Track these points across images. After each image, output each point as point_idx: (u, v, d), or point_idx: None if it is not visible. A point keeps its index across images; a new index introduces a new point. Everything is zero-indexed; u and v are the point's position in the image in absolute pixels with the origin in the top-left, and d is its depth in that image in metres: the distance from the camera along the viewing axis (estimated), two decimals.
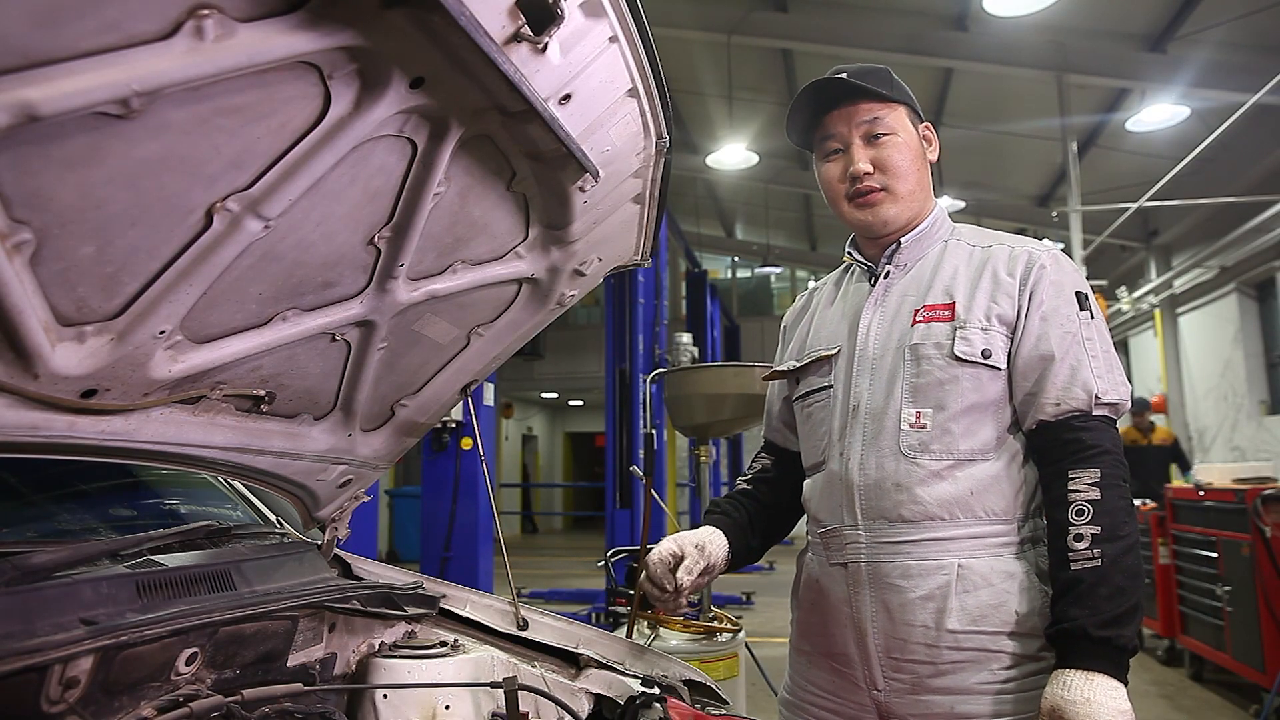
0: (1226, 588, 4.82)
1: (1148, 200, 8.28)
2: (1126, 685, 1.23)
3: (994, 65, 7.77)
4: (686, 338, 5.21)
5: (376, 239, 1.15)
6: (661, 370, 4.37)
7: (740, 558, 1.60)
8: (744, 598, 8.47)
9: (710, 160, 10.87)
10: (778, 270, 18.47)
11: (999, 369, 1.37)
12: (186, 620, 1.14)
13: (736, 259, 18.47)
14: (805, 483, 1.58)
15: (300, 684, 1.31)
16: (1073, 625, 1.24)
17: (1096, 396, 1.32)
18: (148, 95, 0.73)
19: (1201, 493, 5.23)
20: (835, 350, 1.52)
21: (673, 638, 3.61)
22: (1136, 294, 11.09)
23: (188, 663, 1.19)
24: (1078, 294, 1.39)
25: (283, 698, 1.24)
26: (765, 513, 1.66)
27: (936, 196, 1.63)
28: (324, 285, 1.17)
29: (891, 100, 1.47)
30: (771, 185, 12.70)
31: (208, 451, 1.27)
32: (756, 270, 18.40)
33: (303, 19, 0.79)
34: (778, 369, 1.67)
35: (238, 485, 1.93)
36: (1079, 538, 1.26)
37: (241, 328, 1.13)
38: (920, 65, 8.21)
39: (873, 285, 1.52)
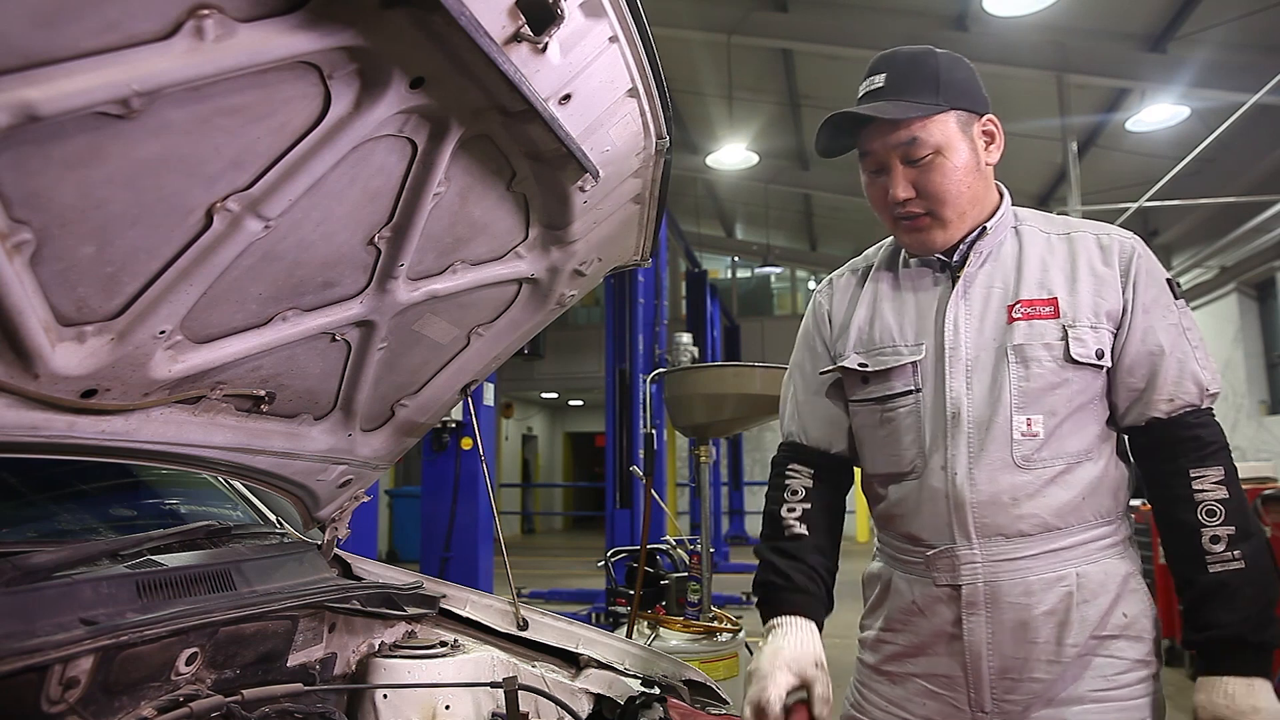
0: None
1: (1148, 200, 8.28)
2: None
3: (994, 65, 7.77)
4: (686, 338, 5.20)
5: (376, 239, 1.15)
6: (661, 370, 4.37)
7: (825, 616, 1.42)
8: (744, 598, 8.47)
9: (710, 160, 10.86)
10: (778, 270, 18.47)
11: (1104, 368, 1.31)
12: (186, 620, 1.14)
13: (736, 259, 18.46)
14: (883, 493, 1.42)
15: (300, 684, 1.31)
16: (1226, 632, 1.21)
17: (1205, 389, 1.29)
18: (148, 95, 0.73)
19: None
20: (922, 353, 1.36)
21: (673, 638, 3.61)
22: None
23: (188, 663, 1.19)
24: (1169, 282, 1.34)
25: (283, 698, 1.24)
26: (827, 560, 1.44)
27: None
28: (324, 285, 1.17)
29: (932, 114, 1.29)
30: (771, 185, 12.69)
31: (208, 451, 1.28)
32: (756, 270, 18.40)
33: (303, 19, 0.79)
34: (843, 364, 1.43)
35: (238, 485, 1.93)
36: (1215, 539, 1.23)
37: (241, 328, 1.13)
38: None
39: (945, 275, 1.39)
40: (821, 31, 7.99)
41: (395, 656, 1.54)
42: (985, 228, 1.37)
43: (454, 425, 5.21)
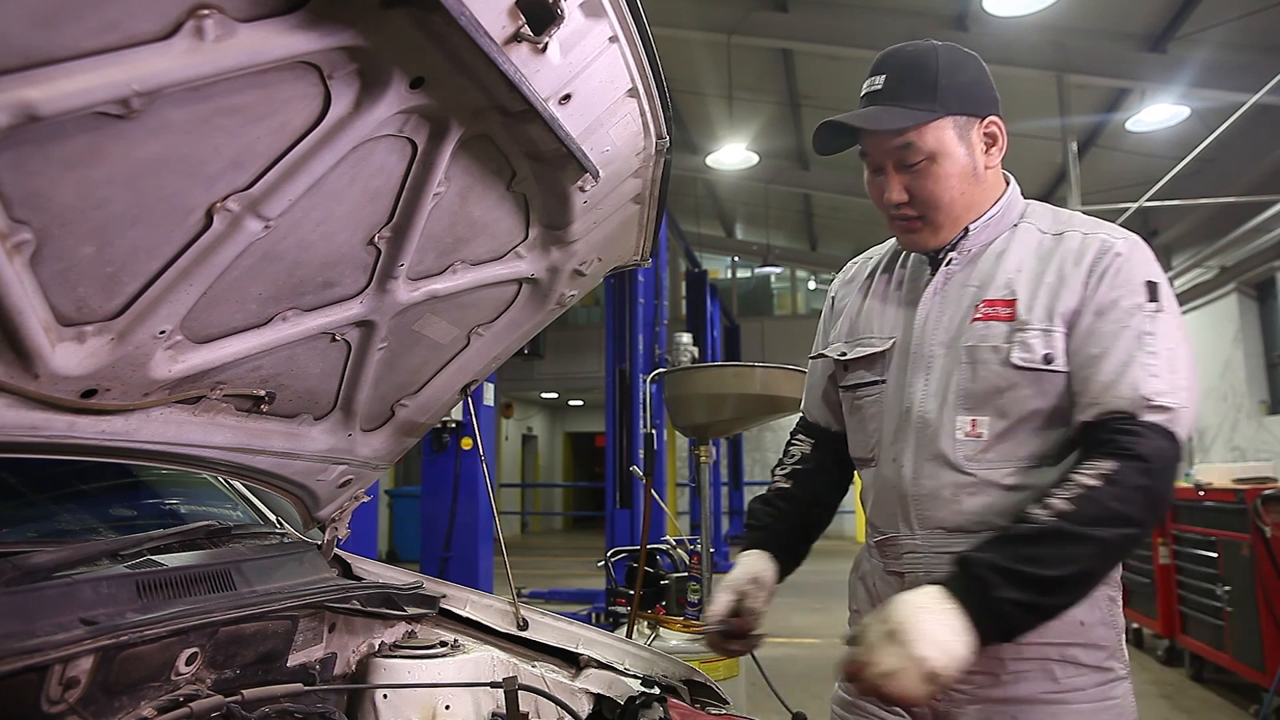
0: (1226, 588, 4.82)
1: (1148, 200, 8.28)
2: (983, 645, 1.08)
3: (994, 65, 7.72)
4: (686, 338, 5.20)
5: (376, 239, 1.15)
6: (661, 370, 4.37)
7: (789, 569, 1.53)
8: None
9: (710, 160, 10.86)
10: (778, 270, 18.47)
11: (1062, 373, 1.25)
12: (186, 620, 1.14)
13: (736, 259, 18.46)
14: (859, 478, 1.51)
15: (300, 684, 1.31)
16: (968, 555, 1.14)
17: (1146, 399, 1.16)
18: (148, 95, 0.73)
19: (1201, 493, 5.23)
20: (889, 344, 1.41)
21: (673, 638, 3.61)
22: None
23: (188, 663, 1.19)
24: (1148, 283, 1.24)
25: (283, 698, 1.24)
26: (806, 514, 1.56)
27: None
28: (324, 285, 1.17)
29: (928, 120, 1.29)
30: (771, 185, 12.70)
31: (208, 451, 1.28)
32: (756, 270, 18.40)
33: (303, 19, 0.79)
34: (824, 351, 1.54)
35: (238, 485, 1.93)
36: (1045, 504, 1.12)
37: (241, 328, 1.13)
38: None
39: (933, 272, 1.40)
40: (821, 31, 7.99)
41: (395, 656, 1.54)
42: (968, 229, 1.36)
43: (454, 425, 5.22)
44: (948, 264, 1.38)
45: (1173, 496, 1.17)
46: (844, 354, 1.48)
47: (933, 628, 1.08)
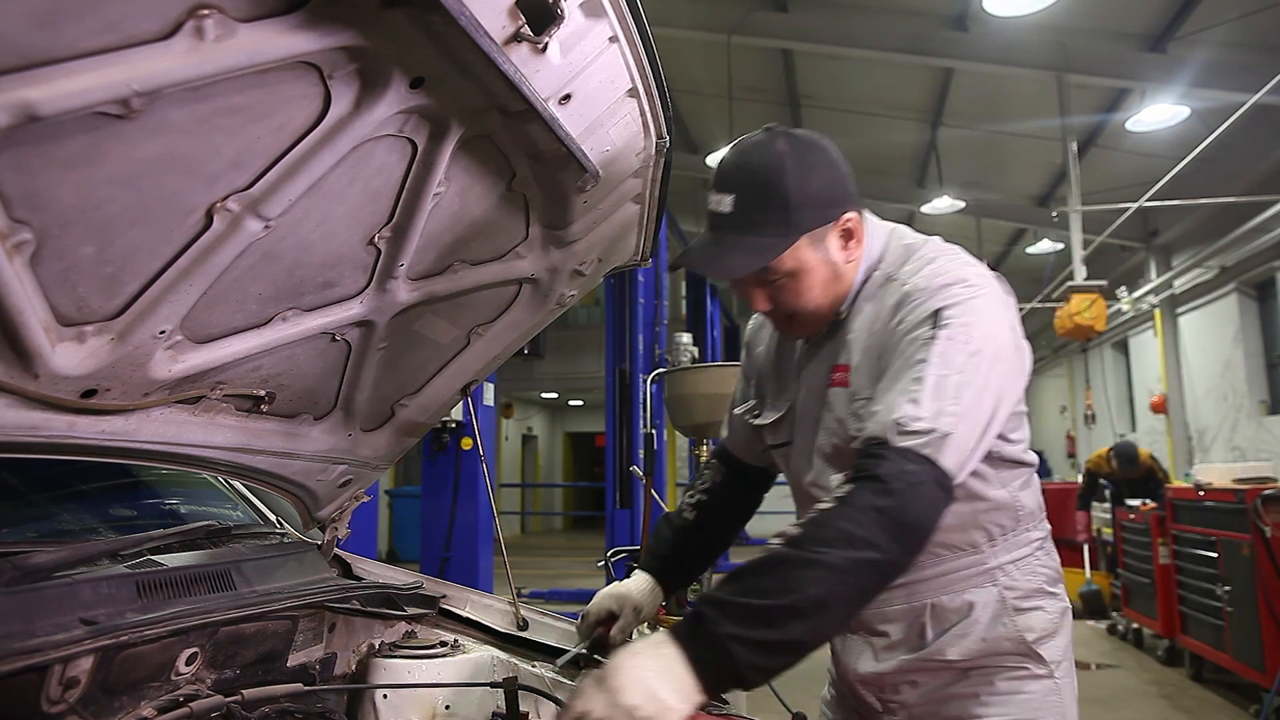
0: (1226, 588, 4.82)
1: (1148, 200, 8.27)
2: (715, 690, 1.01)
3: (994, 65, 7.77)
4: (686, 338, 5.21)
5: (376, 239, 1.15)
6: (661, 370, 4.37)
7: (677, 591, 1.63)
8: None
9: (710, 160, 10.85)
10: None
11: None
12: (186, 620, 1.14)
13: None
14: None
15: (300, 684, 1.31)
16: (700, 594, 1.17)
17: (898, 423, 1.09)
18: (148, 95, 0.73)
19: (1201, 493, 5.23)
20: (785, 411, 1.46)
21: None
22: (1136, 294, 11.09)
23: (188, 663, 1.19)
24: (934, 311, 1.18)
25: (283, 698, 1.24)
26: (706, 542, 1.64)
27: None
28: (324, 285, 1.17)
29: (781, 249, 1.26)
30: None
31: (208, 451, 1.28)
32: None
33: (303, 19, 0.79)
34: (737, 411, 1.61)
35: (238, 485, 1.93)
36: (781, 535, 1.06)
37: (241, 328, 1.13)
38: (920, 65, 8.20)
39: (806, 342, 1.43)
40: (821, 31, 7.98)
41: (395, 656, 1.54)
42: (840, 313, 1.36)
43: (454, 425, 5.21)
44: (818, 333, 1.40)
45: (926, 520, 1.07)
46: (757, 415, 1.55)
47: (644, 675, 0.98)
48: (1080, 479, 8.42)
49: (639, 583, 1.57)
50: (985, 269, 1.31)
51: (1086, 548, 8.05)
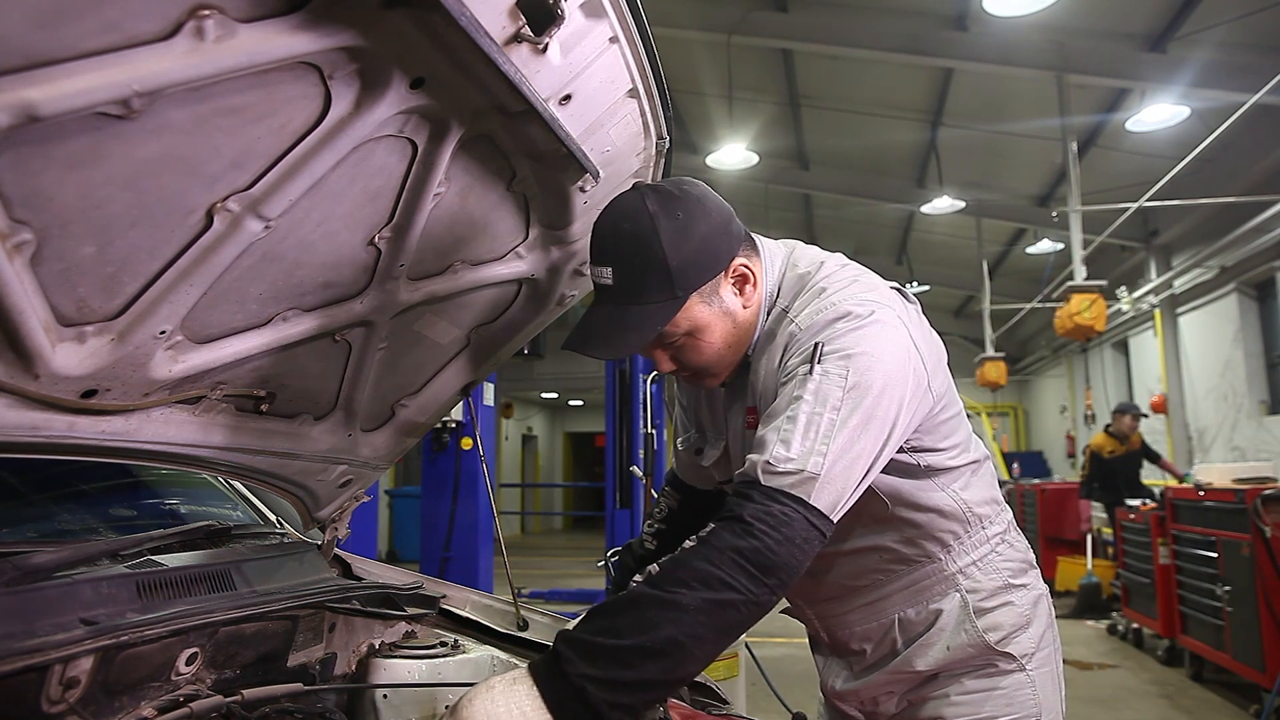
0: (1226, 588, 4.82)
1: (1148, 200, 8.27)
2: None
3: (994, 65, 7.77)
4: None
5: (377, 239, 1.15)
6: None
7: None
8: None
9: (710, 160, 10.86)
10: None
11: None
12: (186, 620, 1.14)
13: None
14: None
15: (300, 684, 1.31)
16: (560, 633, 1.04)
17: (768, 463, 1.08)
18: (148, 95, 0.73)
19: (1201, 493, 5.23)
20: (722, 449, 1.46)
21: None
22: (1136, 294, 11.08)
23: (188, 663, 1.19)
24: (815, 346, 1.16)
25: (283, 698, 1.24)
26: None
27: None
28: (324, 285, 1.17)
29: (670, 314, 1.22)
30: (771, 185, 12.69)
31: (208, 451, 1.28)
32: None
33: (303, 19, 0.79)
34: (685, 447, 1.57)
35: (238, 485, 1.93)
36: (645, 573, 1.05)
37: (242, 328, 1.13)
38: (920, 65, 8.20)
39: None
40: (821, 31, 7.98)
41: (395, 656, 1.54)
42: (748, 353, 1.33)
43: (454, 425, 5.21)
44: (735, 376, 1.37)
45: (790, 560, 1.05)
46: (699, 453, 1.54)
47: (495, 711, 0.95)
48: (1082, 468, 8.43)
49: None
50: (877, 290, 1.27)
51: (1090, 538, 8.05)
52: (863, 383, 1.13)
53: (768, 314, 1.31)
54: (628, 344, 1.24)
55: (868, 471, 1.15)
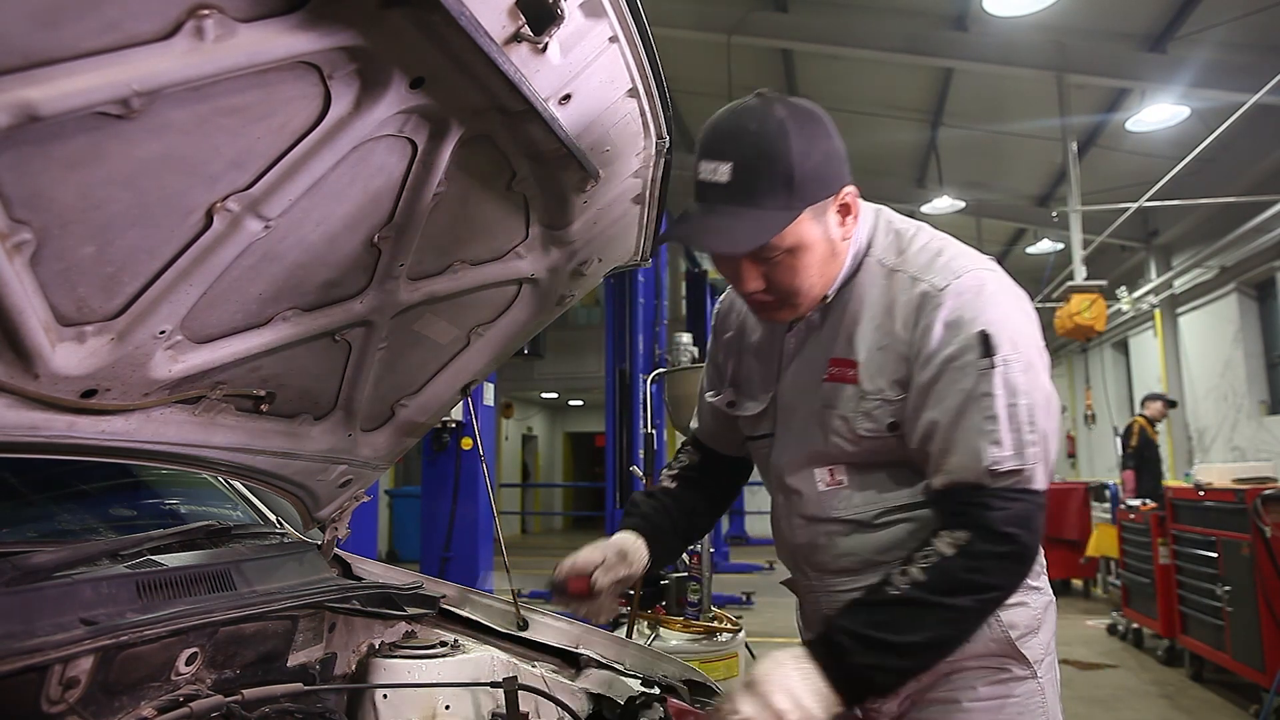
0: (1226, 588, 4.81)
1: (1148, 200, 8.28)
2: (849, 705, 1.12)
3: (994, 65, 7.77)
4: (686, 338, 5.20)
5: (377, 239, 1.15)
6: (661, 370, 4.37)
7: (660, 562, 1.52)
8: (744, 598, 8.47)
9: None
10: None
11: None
12: (186, 620, 1.14)
13: None
14: None
15: (300, 684, 1.31)
16: (830, 620, 1.18)
17: (990, 469, 1.14)
18: (148, 95, 0.73)
19: (1201, 493, 5.23)
20: (767, 403, 1.42)
21: (673, 638, 3.61)
22: (1136, 294, 11.09)
23: (188, 663, 1.19)
24: (980, 334, 1.16)
25: (283, 698, 1.24)
26: (687, 516, 1.56)
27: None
28: (324, 285, 1.17)
29: (784, 224, 1.18)
30: None
31: (208, 451, 1.27)
32: None
33: (303, 19, 0.79)
34: (713, 401, 1.53)
35: (238, 485, 1.93)
36: (904, 573, 1.14)
37: (242, 328, 1.13)
38: (920, 65, 8.21)
39: (789, 330, 1.38)
40: (821, 31, 7.98)
41: (395, 656, 1.54)
42: (827, 296, 1.31)
43: (454, 425, 5.22)
44: (805, 322, 1.35)
45: (1037, 545, 1.18)
46: (732, 405, 1.50)
47: (789, 683, 1.10)
48: (1129, 444, 8.43)
49: (623, 536, 1.47)
50: (985, 257, 1.29)
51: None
52: (1032, 360, 1.20)
53: (857, 263, 1.30)
54: (739, 242, 1.18)
55: (1056, 440, 1.23)
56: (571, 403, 21.46)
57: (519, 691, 1.34)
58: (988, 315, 1.18)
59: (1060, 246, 11.27)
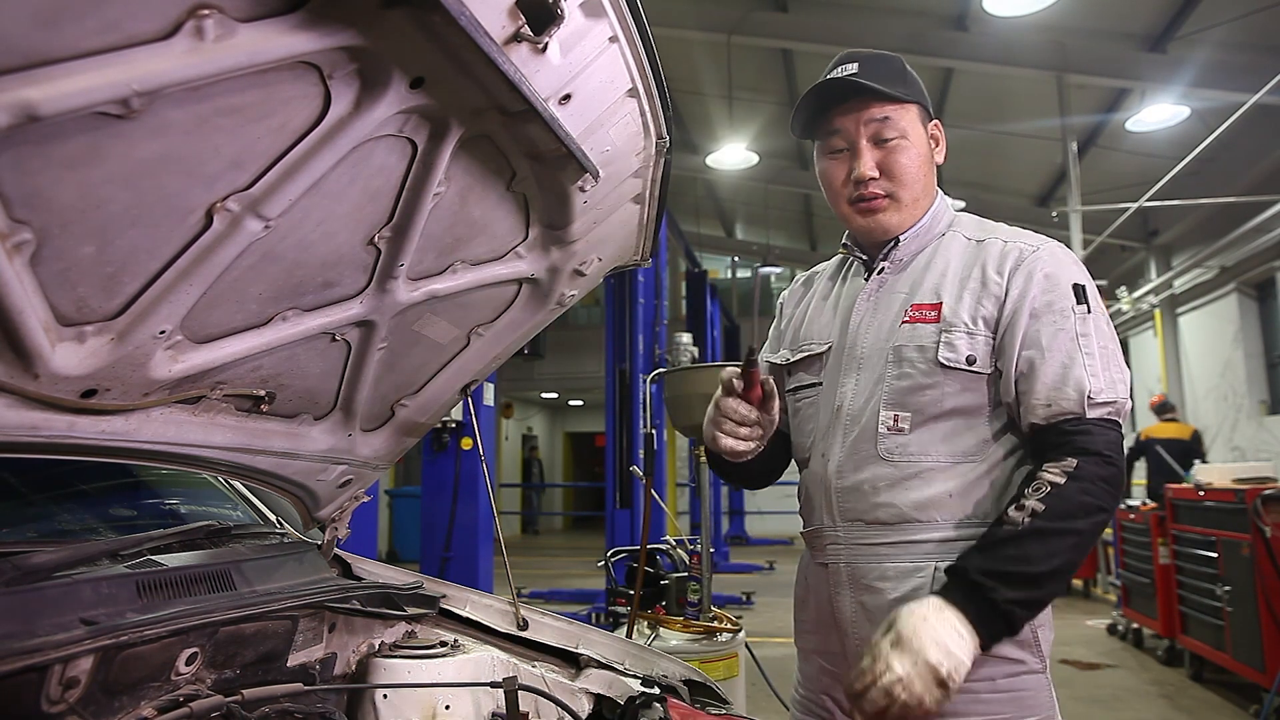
0: (1226, 588, 4.82)
1: (1148, 200, 8.28)
2: (985, 651, 1.18)
3: (994, 65, 7.78)
4: (686, 338, 5.19)
5: (376, 239, 1.15)
6: (661, 370, 4.37)
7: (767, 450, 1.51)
8: (744, 598, 8.47)
9: (710, 160, 10.87)
10: (778, 270, 18.47)
11: (983, 374, 1.34)
12: (186, 620, 1.14)
13: (736, 259, 18.46)
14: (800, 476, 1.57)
15: (300, 684, 1.31)
16: (958, 565, 1.24)
17: (1090, 396, 1.27)
18: (148, 95, 0.73)
19: (1201, 493, 5.23)
20: (826, 348, 1.49)
21: (673, 638, 3.61)
22: (1136, 294, 11.10)
23: (188, 663, 1.19)
24: (1075, 286, 1.33)
25: (283, 698, 1.24)
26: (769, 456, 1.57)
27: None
28: (324, 285, 1.17)
29: (904, 100, 1.40)
30: (771, 185, 12.71)
31: (208, 451, 1.27)
32: (760, 269, 18.40)
33: (303, 19, 0.79)
34: (771, 358, 1.62)
35: (238, 485, 1.93)
36: (1020, 506, 1.23)
37: (242, 328, 1.13)
38: (920, 65, 8.20)
39: (868, 280, 1.48)
40: (821, 31, 7.99)
41: (395, 656, 1.54)
42: (899, 239, 1.45)
43: (454, 425, 5.22)
44: (880, 272, 1.47)
45: (1123, 473, 1.30)
46: (788, 358, 1.57)
47: (939, 634, 1.14)
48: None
49: None
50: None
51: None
52: (1105, 311, 1.36)
53: (944, 229, 1.47)
54: (878, 82, 1.38)
55: None
56: (571, 403, 21.48)
57: (519, 691, 1.34)
58: (1075, 274, 1.35)
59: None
